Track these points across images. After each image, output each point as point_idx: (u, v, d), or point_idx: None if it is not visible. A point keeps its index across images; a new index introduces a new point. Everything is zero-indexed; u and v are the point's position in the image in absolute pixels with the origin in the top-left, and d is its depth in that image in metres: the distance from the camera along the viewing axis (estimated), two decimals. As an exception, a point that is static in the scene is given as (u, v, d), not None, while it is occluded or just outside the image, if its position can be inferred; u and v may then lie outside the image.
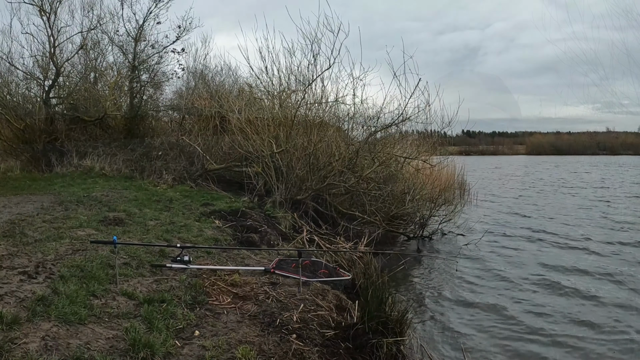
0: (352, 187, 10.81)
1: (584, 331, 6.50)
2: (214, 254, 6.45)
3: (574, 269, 9.38)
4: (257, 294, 5.24)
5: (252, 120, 11.70)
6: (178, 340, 3.91)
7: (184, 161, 13.33)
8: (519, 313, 7.18)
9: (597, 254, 10.63)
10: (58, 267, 4.78)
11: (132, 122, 14.67)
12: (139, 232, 6.84)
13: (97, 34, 14.60)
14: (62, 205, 8.30)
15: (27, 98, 14.80)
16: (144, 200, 9.47)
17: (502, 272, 9.30)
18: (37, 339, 3.34)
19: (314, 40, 10.78)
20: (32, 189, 10.20)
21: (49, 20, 13.68)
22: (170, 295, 4.70)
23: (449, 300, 7.73)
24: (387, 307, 5.30)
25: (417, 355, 5.59)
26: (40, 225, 6.54)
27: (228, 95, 14.14)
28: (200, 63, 17.19)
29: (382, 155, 11.20)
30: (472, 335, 6.41)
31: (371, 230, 10.59)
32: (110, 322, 3.91)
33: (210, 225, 8.12)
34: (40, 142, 13.84)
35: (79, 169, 13.13)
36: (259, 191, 11.04)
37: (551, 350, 5.97)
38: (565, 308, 7.34)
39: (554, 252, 10.89)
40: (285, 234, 9.07)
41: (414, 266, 9.72)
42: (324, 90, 11.57)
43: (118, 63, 15.15)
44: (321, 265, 6.54)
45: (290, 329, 4.44)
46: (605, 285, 8.41)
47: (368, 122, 11.54)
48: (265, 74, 12.10)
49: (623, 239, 12.10)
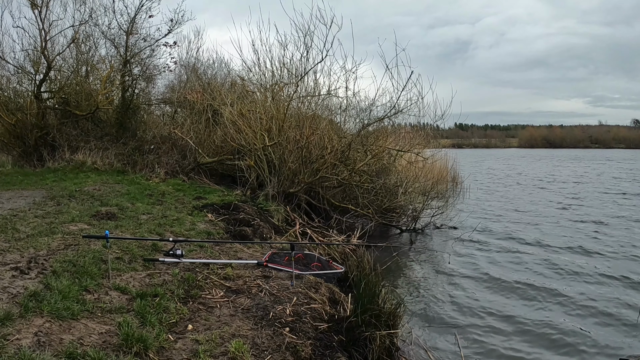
0: (344, 180, 10.82)
1: (571, 318, 6.58)
2: (206, 248, 6.45)
3: (565, 261, 9.47)
4: (250, 287, 5.25)
5: (245, 114, 11.69)
6: (171, 335, 3.92)
7: (176, 155, 13.30)
8: (512, 304, 7.23)
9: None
10: (50, 263, 4.76)
11: (124, 115, 14.59)
12: (131, 227, 6.82)
13: (89, 28, 14.50)
14: (54, 200, 8.26)
15: (19, 92, 14.67)
16: (136, 194, 9.44)
17: (495, 264, 9.36)
18: (30, 335, 3.33)
19: (307, 33, 10.77)
20: (24, 184, 10.15)
21: (41, 13, 13.54)
22: (163, 289, 4.71)
23: (442, 293, 7.77)
24: (380, 299, 5.33)
25: (410, 347, 5.62)
26: (32, 221, 6.51)
27: (220, 88, 14.10)
28: (193, 56, 17.16)
29: (375, 148, 11.22)
30: (466, 326, 6.45)
31: (364, 223, 10.65)
32: (103, 317, 3.91)
33: (203, 219, 8.12)
34: (32, 136, 13.76)
35: (71, 163, 13.06)
36: (252, 184, 11.04)
37: (544, 341, 6.03)
38: (557, 300, 7.40)
39: (545, 243, 10.97)
40: (278, 227, 9.08)
41: (406, 259, 9.76)
42: (316, 83, 11.58)
43: (110, 56, 15.07)
44: (314, 258, 6.56)
45: (284, 323, 4.45)
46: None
47: (360, 114, 11.57)
48: (257, 66, 12.09)
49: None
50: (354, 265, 6.98)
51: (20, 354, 3.03)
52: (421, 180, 12.73)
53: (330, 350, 4.30)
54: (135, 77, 15.02)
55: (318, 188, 10.92)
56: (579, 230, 12.40)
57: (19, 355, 3.02)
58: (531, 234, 12.09)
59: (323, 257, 6.93)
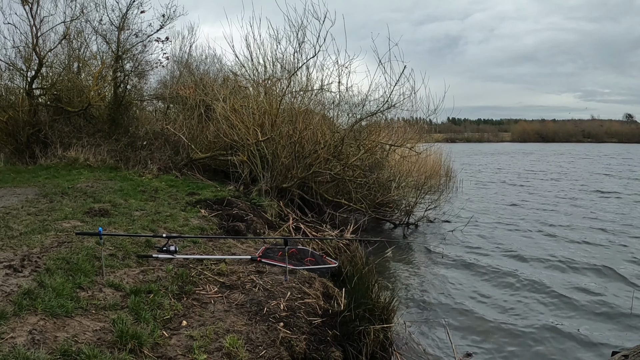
0: (337, 174, 10.84)
1: (563, 310, 6.64)
2: (200, 244, 6.45)
3: (559, 256, 9.53)
4: (244, 282, 5.27)
5: (237, 109, 11.66)
6: (165, 331, 3.94)
7: (169, 150, 13.27)
8: (505, 297, 7.29)
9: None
10: (44, 260, 4.76)
11: (117, 112, 14.50)
12: (124, 223, 6.82)
13: (81, 23, 14.40)
14: (47, 197, 8.23)
15: (10, 89, 14.55)
16: (129, 191, 9.42)
17: (488, 257, 9.42)
18: (24, 333, 3.34)
19: (300, 28, 10.76)
20: (16, 181, 10.09)
21: (32, 9, 13.43)
22: (157, 285, 4.72)
23: (435, 287, 7.81)
24: (373, 294, 5.37)
25: (404, 340, 5.66)
26: (25, 218, 6.49)
27: (213, 84, 14.06)
28: (185, 52, 17.09)
29: (368, 143, 11.23)
30: (459, 320, 6.49)
31: (357, 218, 10.66)
32: (97, 314, 3.91)
33: (196, 215, 8.12)
34: (24, 134, 13.67)
35: (64, 160, 12.99)
36: (245, 180, 11.04)
37: (536, 332, 6.08)
38: (549, 292, 7.47)
39: (535, 238, 11.05)
40: (271, 222, 9.09)
41: (400, 253, 9.80)
42: (309, 78, 11.56)
43: (102, 52, 14.96)
44: (308, 253, 6.58)
45: (278, 317, 4.48)
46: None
47: (353, 109, 11.57)
48: (250, 61, 12.06)
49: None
50: (348, 260, 7.02)
51: (15, 352, 3.03)
52: (414, 174, 12.76)
53: (324, 345, 4.32)
54: (128, 73, 14.93)
55: (311, 183, 10.93)
56: (574, 223, 12.49)
57: (13, 353, 3.02)
58: (525, 226, 12.17)
59: (317, 252, 6.94)
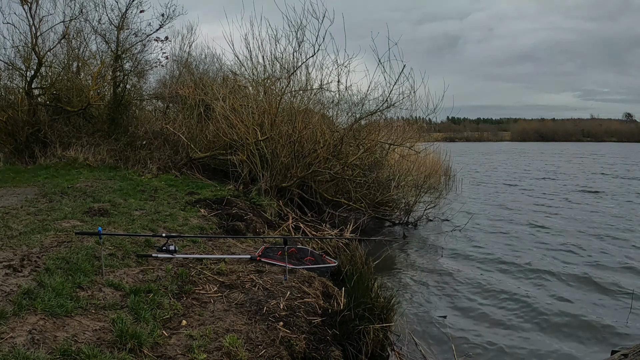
0: (337, 174, 10.84)
1: (562, 307, 6.65)
2: (199, 243, 6.45)
3: (558, 254, 9.54)
4: (243, 282, 5.27)
5: (237, 108, 11.66)
6: (165, 330, 3.94)
7: (169, 150, 13.25)
8: (504, 295, 7.29)
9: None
10: (43, 260, 4.76)
11: (116, 111, 14.49)
12: (124, 223, 6.81)
13: (80, 23, 14.39)
14: (47, 197, 8.23)
15: (10, 89, 14.54)
16: (128, 190, 9.42)
17: (487, 256, 9.42)
18: (24, 332, 3.34)
19: (299, 27, 10.75)
20: (16, 181, 10.08)
21: (31, 9, 13.42)
22: (156, 285, 4.72)
23: (435, 286, 7.82)
24: (373, 293, 5.37)
25: (403, 340, 5.67)
26: (25, 218, 6.49)
27: (212, 83, 14.05)
28: (185, 51, 17.08)
29: (367, 142, 11.24)
30: (458, 320, 6.50)
31: (357, 217, 10.67)
32: (97, 314, 3.92)
33: (196, 214, 8.12)
34: (23, 133, 13.65)
35: (63, 160, 12.98)
36: (244, 179, 11.03)
37: (536, 331, 6.09)
38: (549, 292, 7.47)
39: (536, 237, 11.06)
40: (270, 221, 9.09)
41: (399, 252, 9.81)
42: (308, 78, 11.55)
43: (101, 52, 14.95)
44: (307, 252, 6.57)
45: (277, 317, 4.48)
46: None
47: (353, 108, 11.56)
48: (249, 61, 12.05)
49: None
50: (347, 259, 7.02)
51: (14, 352, 3.04)
52: (414, 173, 12.78)
53: (324, 344, 4.33)
54: (127, 73, 14.92)
55: (311, 182, 10.94)
56: (574, 223, 12.50)
57: (13, 353, 3.03)
58: (523, 225, 12.18)
59: (316, 251, 6.94)
